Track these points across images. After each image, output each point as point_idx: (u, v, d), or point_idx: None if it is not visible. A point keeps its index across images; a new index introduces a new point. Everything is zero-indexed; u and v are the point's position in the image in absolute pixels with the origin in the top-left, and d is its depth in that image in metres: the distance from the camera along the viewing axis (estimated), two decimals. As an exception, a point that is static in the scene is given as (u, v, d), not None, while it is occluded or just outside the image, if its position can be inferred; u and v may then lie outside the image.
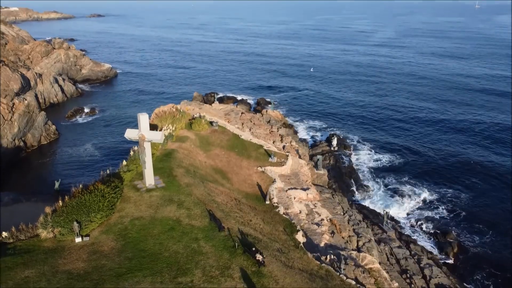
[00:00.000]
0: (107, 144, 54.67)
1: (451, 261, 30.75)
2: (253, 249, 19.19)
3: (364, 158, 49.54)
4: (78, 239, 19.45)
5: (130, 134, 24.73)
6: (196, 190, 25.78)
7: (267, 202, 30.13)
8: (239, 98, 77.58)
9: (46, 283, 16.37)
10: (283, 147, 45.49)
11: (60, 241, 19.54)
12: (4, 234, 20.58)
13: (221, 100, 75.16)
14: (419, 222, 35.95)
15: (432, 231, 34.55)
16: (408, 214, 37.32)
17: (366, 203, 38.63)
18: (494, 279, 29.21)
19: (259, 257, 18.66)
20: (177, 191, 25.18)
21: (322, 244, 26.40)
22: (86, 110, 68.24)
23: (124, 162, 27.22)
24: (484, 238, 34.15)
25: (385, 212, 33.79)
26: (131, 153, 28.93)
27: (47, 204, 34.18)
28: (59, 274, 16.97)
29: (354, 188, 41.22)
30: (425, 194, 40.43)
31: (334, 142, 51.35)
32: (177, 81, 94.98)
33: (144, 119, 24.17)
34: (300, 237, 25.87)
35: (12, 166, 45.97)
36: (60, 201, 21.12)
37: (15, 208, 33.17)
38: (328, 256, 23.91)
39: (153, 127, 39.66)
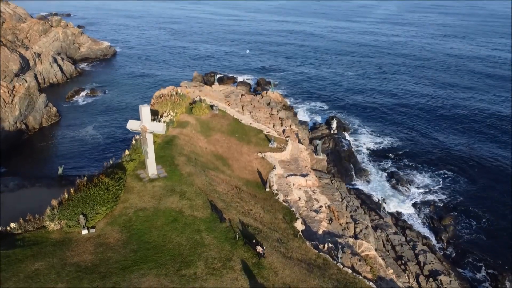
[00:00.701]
0: (108, 126, 54.98)
1: (445, 246, 31.69)
2: (254, 241, 19.89)
3: (363, 141, 49.99)
4: (84, 231, 20.12)
5: (132, 125, 25.06)
6: (198, 180, 26.34)
7: (267, 189, 30.79)
8: (239, 78, 77.27)
9: (56, 275, 17.12)
10: (283, 131, 45.84)
11: (67, 233, 20.22)
12: (13, 225, 21.26)
13: (221, 81, 74.90)
14: (416, 207, 36.76)
15: (428, 216, 35.38)
16: (405, 198, 38.05)
17: (364, 188, 39.35)
18: (486, 263, 30.18)
19: (259, 249, 19.36)
20: (179, 181, 25.73)
21: (320, 232, 27.20)
22: (86, 91, 68.14)
23: (127, 152, 27.68)
24: (481, 223, 34.97)
25: (382, 198, 34.52)
26: (133, 142, 29.35)
27: (51, 189, 35.04)
28: (68, 267, 17.70)
29: (352, 173, 41.87)
30: (424, 179, 41.10)
31: (334, 125, 51.67)
32: (176, 59, 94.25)
33: (145, 111, 24.45)
34: (299, 225, 26.65)
35: (15, 149, 46.45)
36: (65, 194, 21.65)
37: (20, 193, 33.93)
38: (326, 245, 24.73)
39: (154, 112, 39.95)
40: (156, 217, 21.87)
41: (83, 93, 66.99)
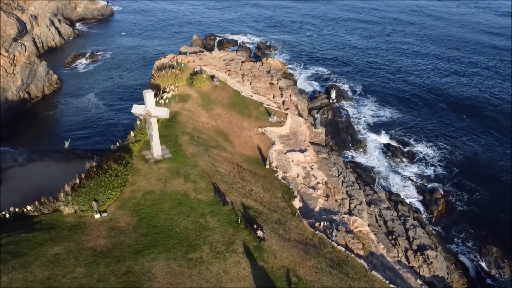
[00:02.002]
0: (108, 93, 55.40)
1: (435, 220, 33.55)
2: (255, 226, 21.46)
3: (362, 111, 50.78)
4: (97, 216, 21.62)
5: (137, 109, 25.92)
6: (201, 161, 27.57)
7: (267, 167, 32.14)
8: (239, 41, 76.60)
9: (74, 260, 18.74)
10: (283, 102, 46.55)
11: (81, 217, 21.71)
12: (29, 207, 22.75)
13: (221, 44, 74.27)
14: (410, 180, 38.29)
15: (421, 189, 36.97)
16: (400, 171, 39.52)
17: (361, 160, 40.69)
18: (473, 236, 32.17)
19: (259, 233, 20.99)
20: (183, 162, 26.97)
21: (317, 209, 28.87)
22: (86, 55, 67.74)
23: (132, 133, 28.70)
24: (473, 196, 36.42)
25: (377, 172, 35.96)
26: (138, 122, 30.25)
27: (59, 163, 36.38)
28: (85, 251, 19.31)
29: (350, 144, 43.05)
30: (420, 152, 42.23)
31: (333, 94, 52.20)
32: (176, 21, 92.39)
33: (149, 96, 25.21)
34: (297, 203, 28.27)
35: (19, 119, 47.36)
36: (77, 179, 22.92)
37: (30, 168, 35.19)
38: (321, 223, 26.44)
39: (155, 87, 40.53)
40: (163, 200, 23.31)
41: (82, 59, 66.67)
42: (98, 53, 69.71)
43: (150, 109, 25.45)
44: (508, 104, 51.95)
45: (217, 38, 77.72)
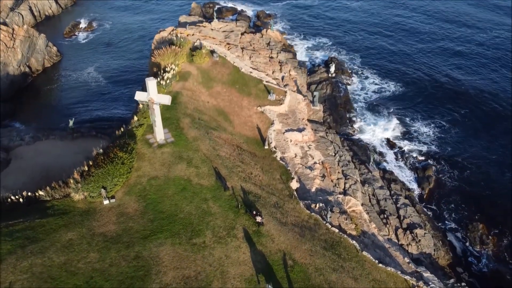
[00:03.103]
0: (108, 66, 55.62)
1: (426, 197, 35.06)
2: (254, 212, 22.91)
3: (362, 86, 51.14)
4: (106, 202, 23.01)
5: (140, 96, 26.74)
6: (202, 145, 28.66)
7: (266, 147, 33.29)
8: (238, 9, 75.55)
9: (87, 245, 20.29)
10: (282, 78, 47.03)
11: (91, 203, 23.08)
12: (41, 192, 24.11)
13: (220, 12, 73.33)
14: (404, 158, 39.50)
15: (414, 167, 38.20)
16: (396, 148, 40.58)
17: (357, 137, 41.67)
18: (460, 213, 33.74)
19: (258, 218, 22.47)
20: (185, 146, 28.06)
21: (313, 189, 30.33)
22: (84, 25, 67.18)
23: (135, 118, 29.61)
24: (463, 174, 37.50)
25: (372, 151, 37.13)
26: (140, 106, 31.02)
27: (64, 142, 37.59)
28: (96, 237, 20.83)
29: (347, 121, 43.91)
30: (417, 129, 42.88)
31: (332, 68, 52.36)
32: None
33: (152, 84, 25.90)
34: (294, 184, 29.67)
35: (21, 95, 47.99)
36: (85, 166, 24.08)
37: (37, 147, 36.41)
38: (317, 204, 27.97)
39: (156, 65, 40.87)
40: (167, 186, 24.62)
41: (81, 29, 66.16)
42: (97, 22, 69.08)
43: (152, 96, 26.24)
44: (509, 88, 51.77)
45: (216, 6, 76.63)
